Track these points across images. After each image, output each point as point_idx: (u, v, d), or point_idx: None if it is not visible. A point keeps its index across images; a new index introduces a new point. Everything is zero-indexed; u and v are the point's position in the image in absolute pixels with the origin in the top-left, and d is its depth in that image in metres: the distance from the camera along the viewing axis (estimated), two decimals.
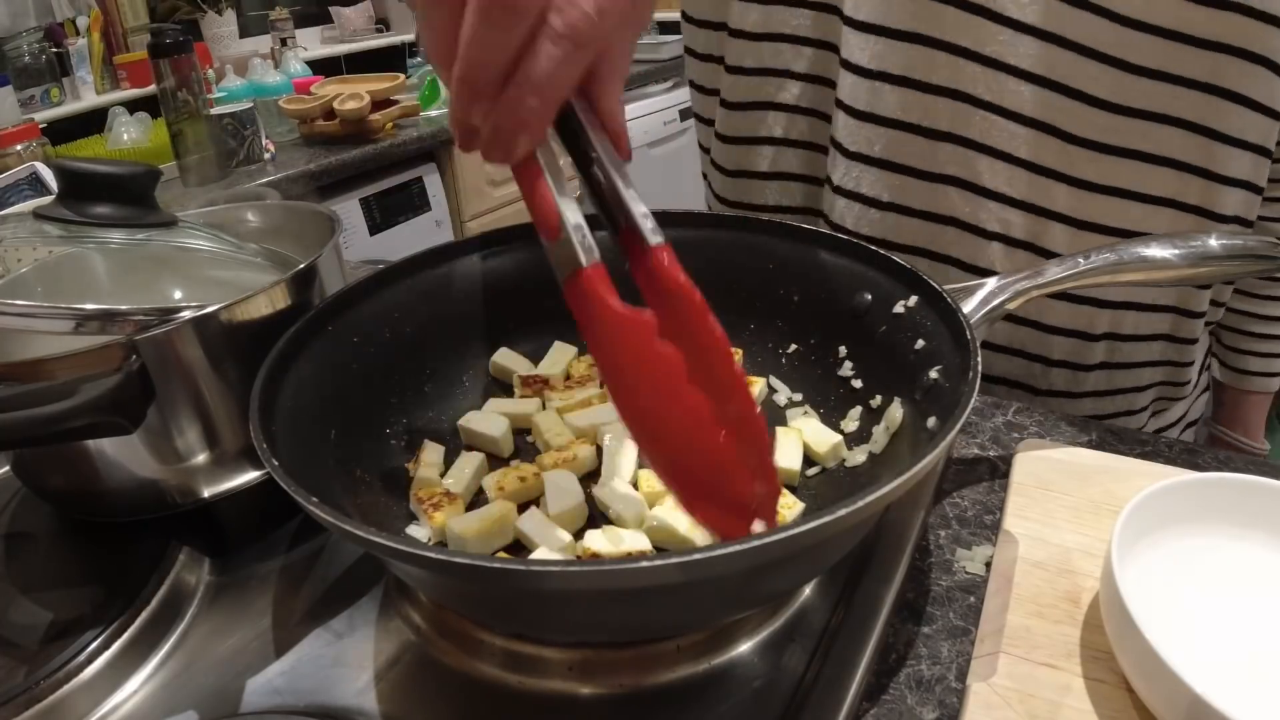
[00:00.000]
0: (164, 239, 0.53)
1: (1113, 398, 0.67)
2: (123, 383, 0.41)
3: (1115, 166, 0.58)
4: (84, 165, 0.50)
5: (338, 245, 0.54)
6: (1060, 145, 0.58)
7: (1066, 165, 0.59)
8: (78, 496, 0.50)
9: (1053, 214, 0.60)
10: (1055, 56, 0.56)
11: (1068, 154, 0.58)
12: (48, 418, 0.40)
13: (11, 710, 0.38)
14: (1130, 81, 0.55)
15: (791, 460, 0.48)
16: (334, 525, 0.31)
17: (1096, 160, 0.58)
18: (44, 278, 0.53)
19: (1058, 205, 0.60)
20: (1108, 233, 0.60)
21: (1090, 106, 0.56)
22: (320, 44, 2.62)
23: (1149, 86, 0.55)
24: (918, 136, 0.62)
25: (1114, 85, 0.56)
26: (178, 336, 0.44)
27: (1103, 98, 0.56)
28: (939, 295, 0.46)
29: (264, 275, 0.54)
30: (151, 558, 0.46)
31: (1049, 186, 0.59)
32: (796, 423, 0.51)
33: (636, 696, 0.39)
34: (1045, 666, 0.37)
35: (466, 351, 0.58)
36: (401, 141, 1.95)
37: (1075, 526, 0.45)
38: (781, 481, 0.43)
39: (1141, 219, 0.59)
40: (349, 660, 0.41)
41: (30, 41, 1.84)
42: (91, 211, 0.49)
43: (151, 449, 0.46)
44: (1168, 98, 0.55)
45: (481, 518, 0.44)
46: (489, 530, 0.44)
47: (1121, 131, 0.57)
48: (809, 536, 0.29)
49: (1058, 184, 0.59)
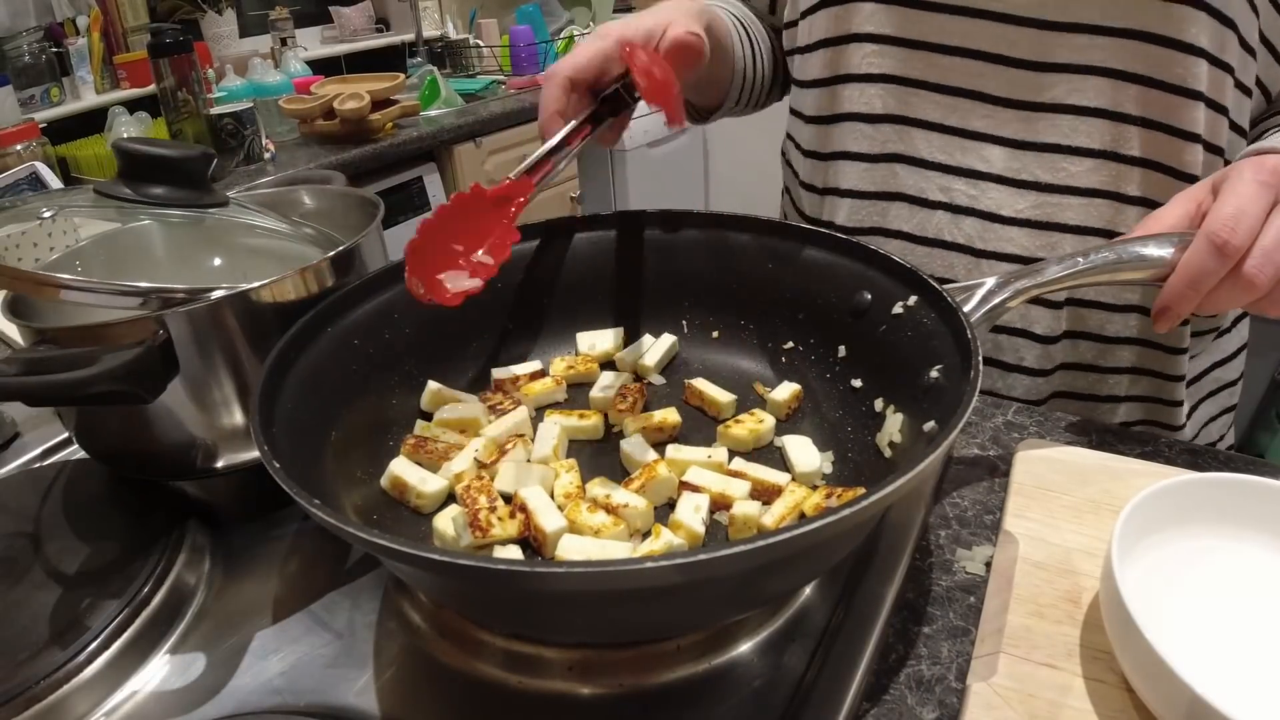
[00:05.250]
0: (217, 217, 0.56)
1: (1085, 374, 0.66)
2: (141, 355, 0.43)
3: (1043, 122, 0.59)
4: (142, 147, 0.53)
5: (379, 228, 0.56)
6: (988, 108, 0.60)
7: (996, 127, 0.61)
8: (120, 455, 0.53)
9: (990, 176, 0.62)
10: (977, 29, 0.59)
11: (996, 115, 0.61)
12: (67, 383, 0.42)
13: (11, 710, 0.38)
14: (1051, 37, 0.57)
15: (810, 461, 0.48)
16: (334, 526, 0.31)
17: (1025, 119, 0.60)
18: (103, 249, 0.57)
19: (994, 168, 0.62)
20: (1043, 189, 0.61)
21: (1013, 68, 0.59)
22: (320, 44, 2.62)
23: (1070, 40, 0.57)
24: (859, 123, 0.66)
25: (1035, 44, 0.58)
26: (207, 313, 0.45)
27: (1025, 58, 0.58)
28: (939, 295, 0.46)
29: (312, 253, 0.56)
30: (152, 557, 0.46)
31: (981, 148, 0.62)
32: (788, 439, 0.50)
33: (636, 696, 0.39)
34: (1045, 666, 0.37)
35: (466, 351, 0.58)
36: (401, 141, 1.95)
37: (1075, 526, 0.45)
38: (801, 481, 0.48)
39: (1078, 173, 0.60)
40: (349, 660, 0.41)
41: (30, 41, 1.84)
42: (148, 191, 0.52)
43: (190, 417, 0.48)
44: (1090, 48, 0.56)
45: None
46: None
47: (1046, 87, 0.59)
48: (809, 537, 0.29)
49: (990, 146, 0.61)
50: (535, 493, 0.45)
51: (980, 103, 0.61)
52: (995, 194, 0.62)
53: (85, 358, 0.43)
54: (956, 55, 0.61)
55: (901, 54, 0.63)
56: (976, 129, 0.62)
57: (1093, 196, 0.60)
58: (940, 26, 0.61)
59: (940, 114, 0.63)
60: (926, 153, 0.64)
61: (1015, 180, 0.61)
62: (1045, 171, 0.60)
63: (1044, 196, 0.61)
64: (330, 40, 2.65)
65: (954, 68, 0.61)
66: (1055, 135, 0.59)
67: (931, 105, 0.63)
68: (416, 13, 2.71)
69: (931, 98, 0.63)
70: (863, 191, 0.68)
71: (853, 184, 0.69)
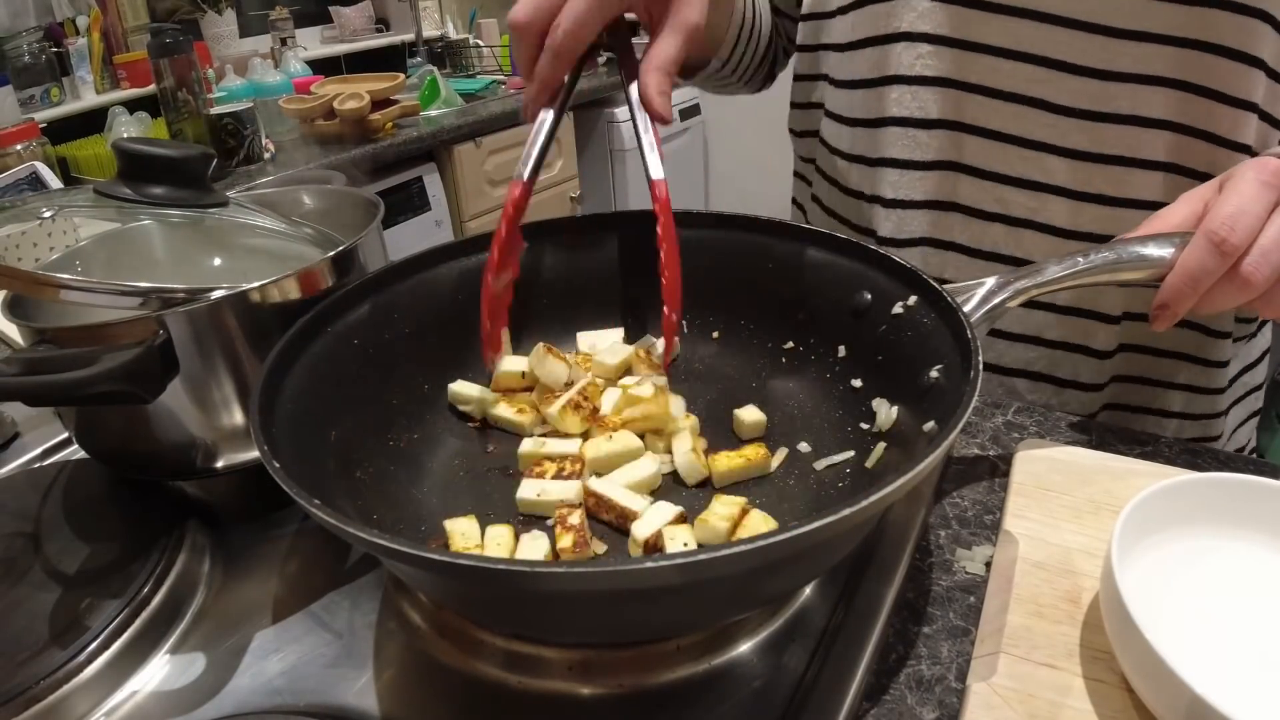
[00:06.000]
0: (217, 217, 0.56)
1: (1138, 388, 0.66)
2: (141, 355, 0.43)
3: (1107, 133, 0.58)
4: (142, 147, 0.53)
5: (379, 228, 0.56)
6: (1050, 118, 0.58)
7: (1057, 137, 0.59)
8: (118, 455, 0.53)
9: (1050, 188, 0.60)
10: (1034, 32, 0.57)
11: (1057, 125, 0.58)
12: (67, 383, 0.42)
13: (11, 710, 0.38)
14: (1114, 45, 0.55)
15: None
16: (334, 526, 0.31)
17: (1088, 129, 0.58)
18: (103, 249, 0.57)
19: (1056, 179, 0.60)
20: (1108, 203, 0.59)
21: (1074, 75, 0.57)
22: (320, 44, 2.62)
23: (1132, 48, 0.55)
24: (910, 128, 0.63)
25: (1097, 50, 0.56)
26: (207, 313, 0.46)
27: (1085, 65, 0.56)
28: (939, 294, 0.46)
29: (312, 253, 0.56)
30: (152, 557, 0.46)
31: (1042, 159, 0.60)
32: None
33: (636, 696, 0.39)
34: (1045, 666, 0.37)
35: (466, 352, 0.58)
36: (401, 141, 1.95)
37: (1075, 526, 0.45)
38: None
39: (1143, 186, 0.58)
40: (349, 660, 0.41)
41: (30, 41, 1.84)
42: (148, 191, 0.52)
43: (190, 417, 0.48)
44: (1152, 58, 0.55)
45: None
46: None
47: (1110, 97, 0.57)
48: (809, 537, 0.29)
49: (1051, 156, 0.59)
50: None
51: (1042, 111, 0.59)
52: (1056, 207, 0.60)
53: (85, 358, 0.43)
54: (1017, 60, 0.58)
55: (956, 56, 0.60)
56: (1038, 138, 0.59)
57: (1156, 210, 0.59)
58: (999, 28, 0.58)
59: (999, 121, 0.60)
60: (983, 161, 0.62)
61: (1078, 193, 0.60)
62: (1110, 185, 0.59)
63: (1108, 210, 0.59)
64: (330, 40, 2.66)
65: (1014, 73, 0.59)
66: (1121, 147, 0.58)
67: (989, 112, 0.60)
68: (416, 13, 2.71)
69: (989, 104, 0.60)
70: (913, 201, 0.66)
71: (902, 193, 0.66)
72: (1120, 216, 0.59)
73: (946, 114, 0.62)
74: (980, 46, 0.59)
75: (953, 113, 0.62)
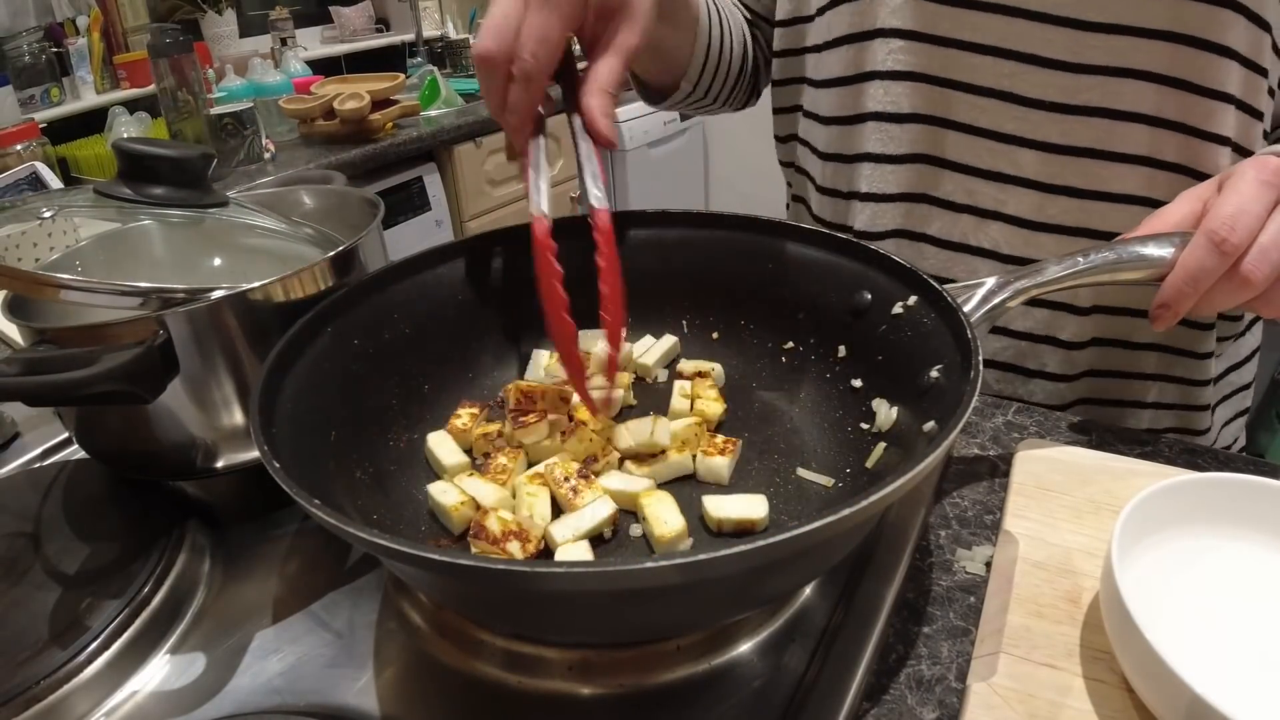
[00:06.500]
0: (217, 217, 0.56)
1: (1113, 380, 0.66)
2: (140, 355, 0.43)
3: (1078, 126, 0.58)
4: (142, 147, 0.53)
5: (379, 228, 0.56)
6: (1021, 110, 0.59)
7: (1028, 130, 0.59)
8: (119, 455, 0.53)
9: (1019, 180, 0.61)
10: (1005, 26, 0.57)
11: (1028, 118, 0.59)
12: (67, 383, 0.42)
13: (11, 710, 0.38)
14: (1085, 38, 0.55)
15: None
16: (334, 526, 0.31)
17: (1059, 121, 0.58)
18: (103, 249, 0.57)
19: (1025, 172, 0.60)
20: (1077, 195, 0.60)
21: (1044, 68, 0.57)
22: (320, 44, 2.62)
23: (1103, 41, 0.55)
24: (884, 123, 0.63)
25: (1068, 44, 0.56)
26: (207, 313, 0.46)
27: (1056, 58, 0.57)
28: (939, 294, 0.46)
29: (312, 253, 0.56)
30: (152, 557, 0.46)
31: (1013, 152, 0.60)
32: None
33: (636, 696, 0.39)
34: (1045, 666, 0.37)
35: (466, 352, 0.58)
36: (401, 141, 1.95)
37: (1075, 526, 0.45)
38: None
39: (1115, 179, 0.59)
40: (349, 660, 0.41)
41: (30, 41, 1.84)
42: (148, 191, 0.52)
43: (190, 417, 0.48)
44: (1125, 50, 0.55)
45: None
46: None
47: (1080, 90, 0.57)
48: (809, 537, 0.29)
49: (1022, 149, 0.60)
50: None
51: (1012, 104, 0.59)
52: (1025, 199, 0.61)
53: (85, 358, 0.43)
54: (987, 54, 0.59)
55: (928, 50, 0.61)
56: (1008, 131, 0.60)
57: (1129, 203, 0.59)
58: (970, 23, 0.59)
59: (971, 115, 0.61)
60: (955, 154, 0.63)
61: (1048, 185, 0.60)
62: (1079, 177, 0.59)
63: (1078, 202, 0.60)
64: (330, 40, 2.66)
65: (984, 67, 0.59)
66: (1091, 140, 0.58)
67: (962, 105, 0.61)
68: (416, 13, 2.71)
69: (961, 98, 0.61)
70: (886, 194, 0.66)
71: (877, 187, 0.66)
72: (1089, 209, 0.60)
73: (919, 108, 0.63)
74: (952, 41, 0.60)
75: (925, 107, 0.63)
